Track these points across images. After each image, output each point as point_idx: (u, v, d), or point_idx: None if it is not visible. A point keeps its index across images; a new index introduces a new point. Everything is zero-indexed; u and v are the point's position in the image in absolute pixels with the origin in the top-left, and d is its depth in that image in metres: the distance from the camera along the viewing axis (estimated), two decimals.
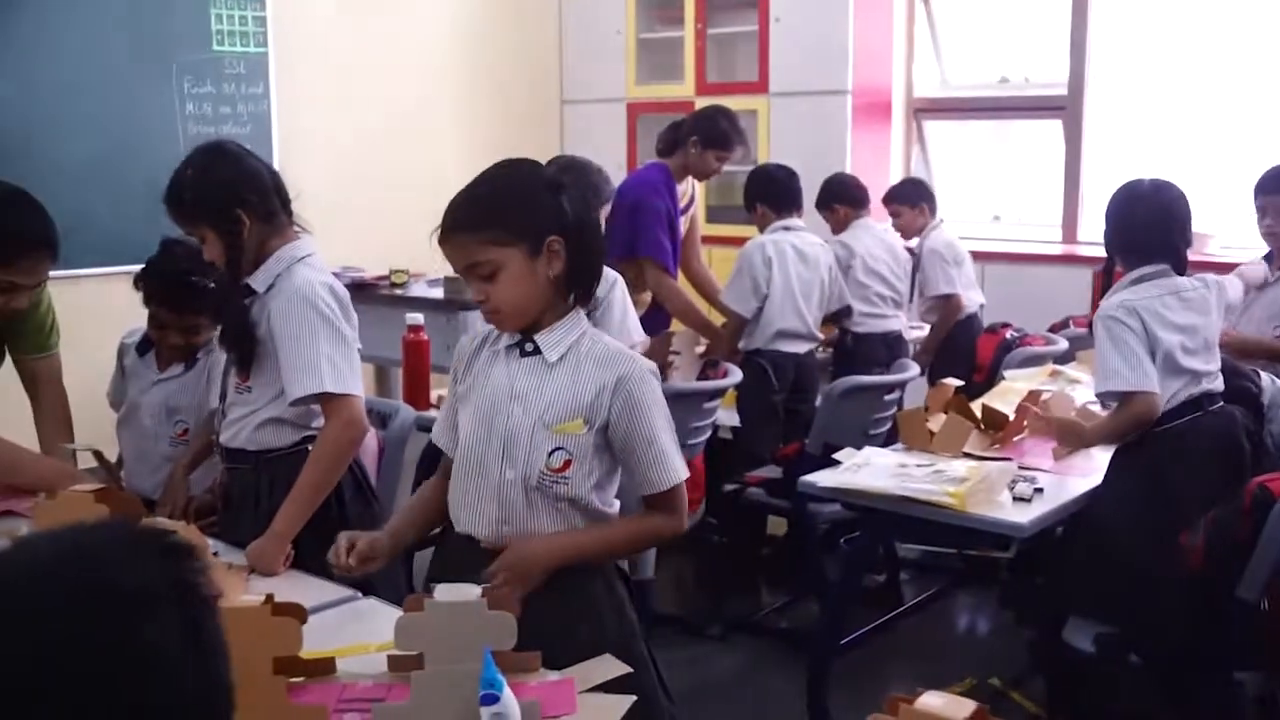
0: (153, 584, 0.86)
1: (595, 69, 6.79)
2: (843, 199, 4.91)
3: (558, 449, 1.89)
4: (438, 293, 5.12)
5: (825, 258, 4.38)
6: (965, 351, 4.77)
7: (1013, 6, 6.20)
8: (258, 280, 2.33)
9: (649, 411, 1.91)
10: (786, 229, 4.33)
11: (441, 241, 1.91)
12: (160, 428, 2.82)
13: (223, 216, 2.27)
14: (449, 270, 5.31)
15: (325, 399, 2.26)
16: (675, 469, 1.95)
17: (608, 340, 1.97)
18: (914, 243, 5.11)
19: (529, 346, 1.92)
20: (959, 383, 3.42)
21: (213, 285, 2.69)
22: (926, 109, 6.40)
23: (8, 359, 2.80)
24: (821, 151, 5.72)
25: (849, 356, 4.63)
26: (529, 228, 1.86)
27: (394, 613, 1.97)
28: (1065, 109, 5.84)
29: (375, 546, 1.94)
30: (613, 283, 3.29)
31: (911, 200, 5.10)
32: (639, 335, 3.43)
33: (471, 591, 1.70)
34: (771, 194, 4.41)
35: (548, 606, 1.87)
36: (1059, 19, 5.81)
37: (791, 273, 4.24)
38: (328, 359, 2.24)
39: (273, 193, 2.34)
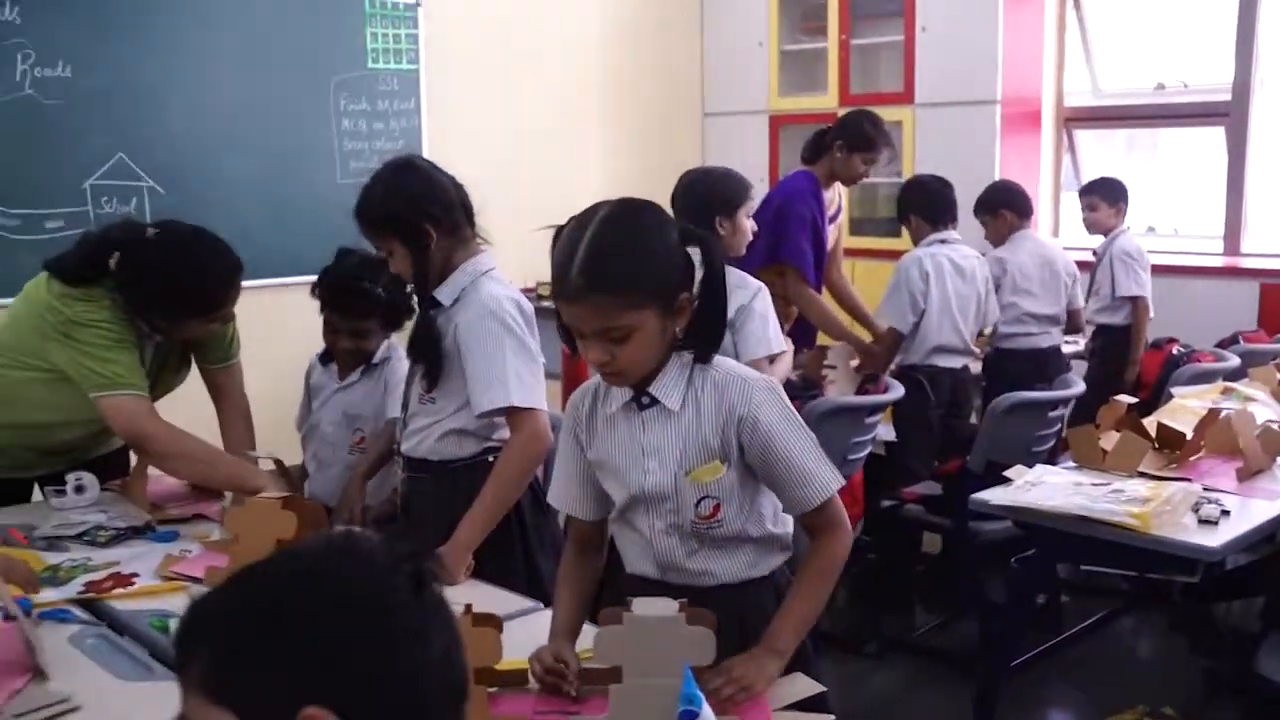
0: (422, 601, 0.97)
1: (737, 81, 6.78)
2: (1010, 205, 4.76)
3: (704, 498, 1.83)
4: None
5: (982, 271, 4.29)
6: (1118, 366, 4.68)
7: (1169, 9, 6.01)
8: (444, 293, 2.35)
9: (778, 430, 1.80)
10: (942, 242, 4.25)
11: (569, 302, 1.74)
12: (340, 435, 2.90)
13: (410, 230, 2.30)
14: None
15: (511, 412, 2.28)
16: (823, 482, 1.82)
17: (715, 366, 1.84)
18: (1097, 241, 5.01)
19: (646, 400, 1.82)
20: (1133, 400, 3.31)
21: (380, 291, 2.75)
22: (1078, 118, 6.23)
23: (194, 370, 2.89)
24: (968, 163, 5.61)
25: (998, 372, 4.53)
26: (665, 289, 1.74)
27: None
28: (1229, 115, 5.62)
29: (565, 653, 1.82)
30: (755, 291, 3.25)
31: (1111, 198, 4.97)
32: (780, 345, 3.39)
33: (670, 606, 1.69)
34: (926, 206, 4.33)
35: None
36: (1221, 21, 5.60)
37: (949, 287, 4.16)
38: (514, 373, 2.26)
39: (458, 206, 2.37)
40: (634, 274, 1.71)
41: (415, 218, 2.30)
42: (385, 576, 0.95)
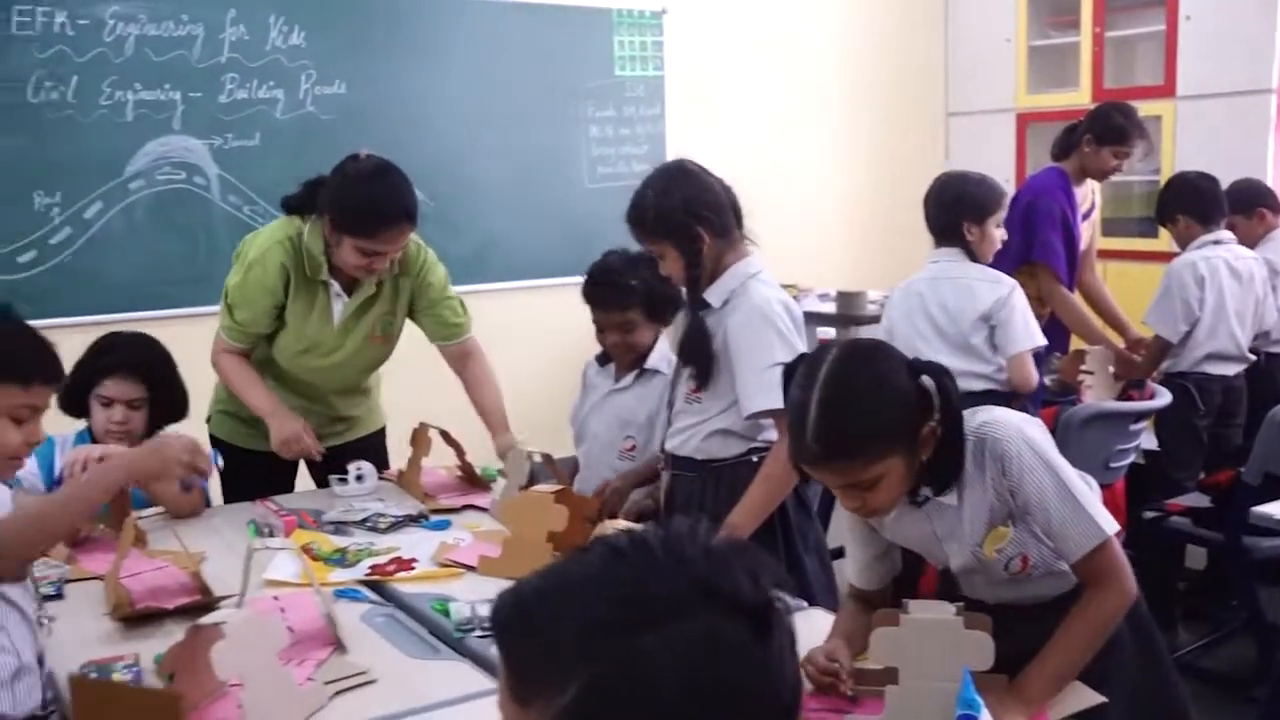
0: (765, 595, 0.87)
1: (983, 79, 6.60)
2: (1268, 203, 4.47)
3: (1008, 560, 1.82)
4: (829, 307, 5.15)
5: (1260, 272, 4.04)
6: None
7: None
8: (713, 295, 2.39)
9: (1028, 478, 1.75)
10: (1216, 243, 4.03)
11: (809, 466, 1.75)
12: (610, 437, 2.95)
13: (683, 233, 2.34)
14: (841, 285, 5.33)
15: (779, 414, 2.30)
16: (1086, 528, 1.73)
17: (970, 426, 1.79)
18: None
19: (920, 498, 1.82)
20: None
21: (635, 284, 2.80)
22: None
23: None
24: (1236, 158, 5.28)
25: (1264, 377, 4.26)
26: (904, 433, 1.72)
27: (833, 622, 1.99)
28: None
29: (839, 654, 1.82)
30: (1010, 289, 3.25)
31: None
32: (1041, 339, 3.37)
33: (947, 609, 1.67)
34: (1195, 205, 4.11)
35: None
36: None
37: (1225, 292, 3.94)
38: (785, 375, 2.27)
39: (728, 209, 2.40)
40: (869, 434, 1.69)
41: (688, 220, 2.34)
42: (726, 631, 0.83)
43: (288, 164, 4.78)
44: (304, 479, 3.15)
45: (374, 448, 3.17)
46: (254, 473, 2.94)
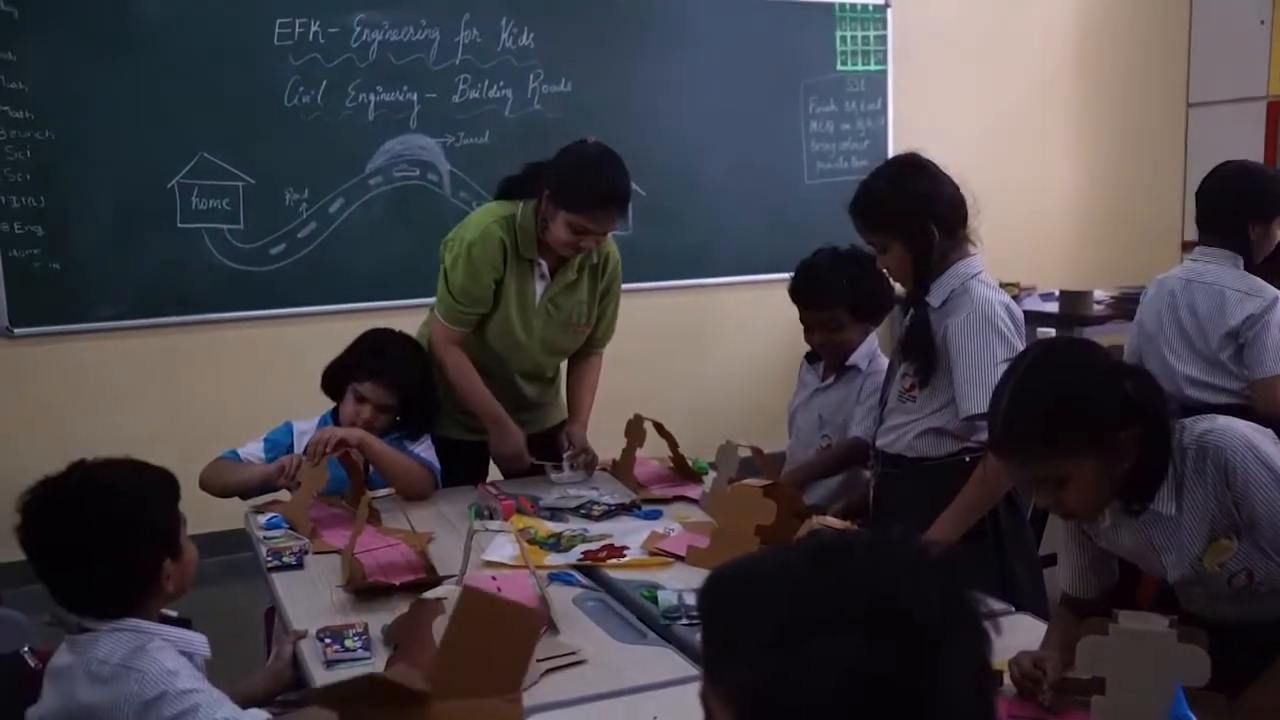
0: (945, 617, 0.83)
1: (1230, 66, 6.24)
2: None
3: (1231, 575, 1.75)
4: (1052, 307, 4.99)
5: None
6: None
7: None
8: (933, 294, 2.37)
9: (1256, 492, 1.67)
10: None
11: (997, 452, 1.76)
12: (811, 434, 2.99)
13: (915, 228, 2.33)
14: (1064, 284, 5.14)
15: None
16: None
17: (1190, 436, 1.73)
18: None
19: (1137, 506, 1.76)
20: None
21: (841, 282, 2.80)
22: None
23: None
24: None
25: None
26: (1096, 435, 1.67)
27: (1042, 628, 1.95)
28: None
29: (1046, 662, 1.77)
30: (1267, 305, 2.99)
31: None
32: None
33: (1160, 622, 1.63)
34: None
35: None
36: None
37: None
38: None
39: (959, 207, 2.37)
40: (1054, 426, 1.67)
41: (921, 217, 2.33)
42: (884, 648, 0.80)
43: (515, 160, 4.95)
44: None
45: (556, 440, 3.24)
46: (465, 461, 3.11)
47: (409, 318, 3.30)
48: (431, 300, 3.10)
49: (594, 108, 5.05)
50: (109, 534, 1.72)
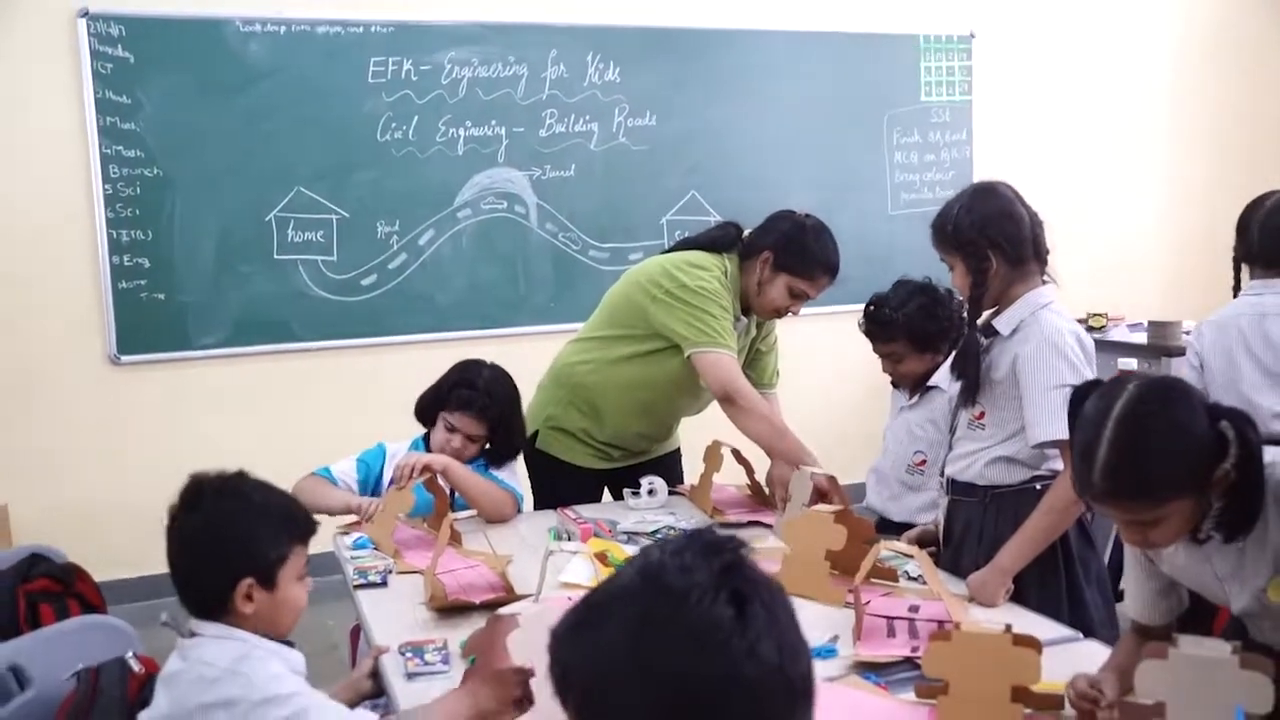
0: (697, 578, 1.00)
1: None
2: None
3: None
4: (1140, 337, 4.94)
5: None
6: None
7: None
8: (1002, 323, 2.39)
9: None
10: None
11: (1094, 500, 1.72)
12: (901, 451, 3.08)
13: (973, 252, 2.36)
14: (1152, 315, 5.07)
15: (1065, 445, 2.27)
16: None
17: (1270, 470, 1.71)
18: None
19: (1203, 536, 1.75)
20: None
21: (898, 318, 2.89)
22: None
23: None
24: None
25: None
26: (1195, 477, 1.65)
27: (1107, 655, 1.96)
28: None
29: (1105, 684, 1.77)
30: None
31: None
32: None
33: (1221, 648, 1.63)
34: None
35: None
36: None
37: None
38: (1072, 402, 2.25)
39: (1029, 241, 2.38)
40: (1160, 480, 1.65)
41: (981, 241, 2.35)
42: (708, 609, 0.98)
43: (599, 193, 5.10)
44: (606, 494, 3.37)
45: (671, 465, 3.38)
46: (570, 484, 3.21)
47: (495, 346, 3.41)
48: (519, 329, 3.18)
49: (679, 140, 5.14)
50: (215, 535, 1.80)
